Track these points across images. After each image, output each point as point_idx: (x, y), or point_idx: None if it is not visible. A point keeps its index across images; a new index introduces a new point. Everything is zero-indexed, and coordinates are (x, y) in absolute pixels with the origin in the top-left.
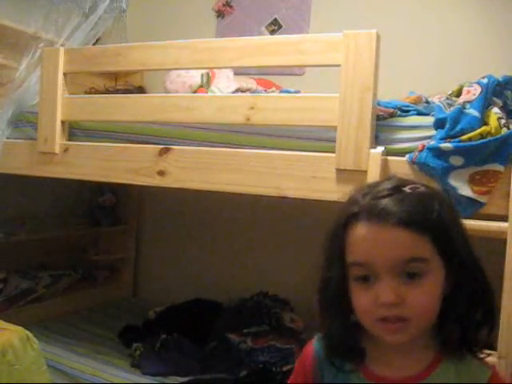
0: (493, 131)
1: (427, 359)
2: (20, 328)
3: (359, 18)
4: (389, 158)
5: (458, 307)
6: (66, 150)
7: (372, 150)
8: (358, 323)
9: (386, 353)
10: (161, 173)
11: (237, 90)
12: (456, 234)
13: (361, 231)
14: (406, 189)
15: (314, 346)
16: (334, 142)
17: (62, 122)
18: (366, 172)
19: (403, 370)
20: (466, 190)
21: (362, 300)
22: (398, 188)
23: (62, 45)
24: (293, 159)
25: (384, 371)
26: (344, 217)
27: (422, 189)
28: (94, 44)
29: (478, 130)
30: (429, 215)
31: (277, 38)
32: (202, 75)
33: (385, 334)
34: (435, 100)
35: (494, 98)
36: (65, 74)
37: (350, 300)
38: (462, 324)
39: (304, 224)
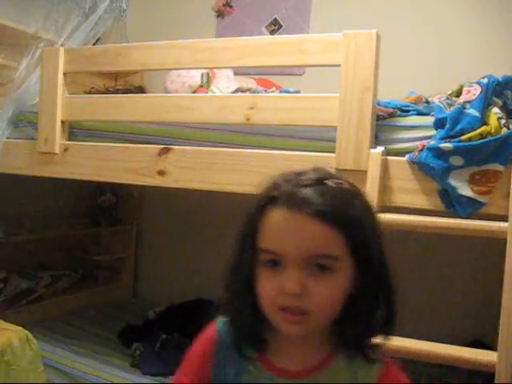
0: (493, 131)
1: (323, 354)
2: (20, 328)
3: (359, 18)
4: (389, 158)
5: (359, 308)
6: (65, 149)
7: (372, 150)
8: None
9: (286, 344)
10: (161, 173)
11: (237, 90)
12: (371, 237)
13: (276, 217)
14: (330, 182)
15: (216, 329)
16: (334, 141)
17: (62, 122)
18: (365, 172)
19: (299, 362)
20: (465, 190)
21: (267, 286)
22: (321, 180)
23: (62, 45)
24: (293, 159)
25: (282, 363)
26: (262, 200)
27: (346, 185)
28: (93, 44)
29: (478, 130)
30: (347, 212)
31: (277, 37)
32: (202, 75)
33: (283, 324)
34: (435, 100)
35: (494, 98)
36: (65, 74)
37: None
38: (359, 324)
39: None
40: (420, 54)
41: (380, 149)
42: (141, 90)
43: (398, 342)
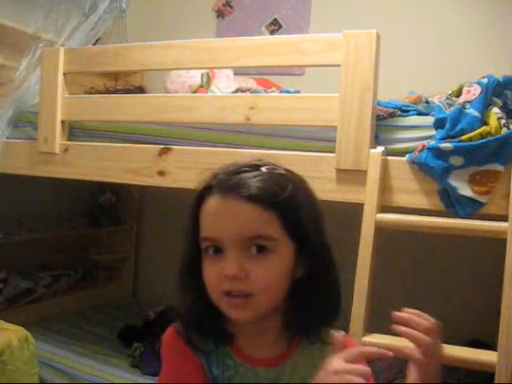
0: (493, 131)
1: (287, 341)
2: (20, 328)
3: (359, 17)
4: (389, 158)
5: (303, 292)
6: (65, 150)
7: (372, 150)
8: None
9: (250, 333)
10: (161, 173)
11: (237, 90)
12: (308, 220)
13: (212, 204)
14: (263, 168)
15: (176, 329)
16: (334, 141)
17: (62, 122)
18: (365, 172)
19: (267, 350)
20: (466, 190)
21: (210, 273)
22: (255, 166)
23: (61, 45)
24: (293, 159)
25: (251, 351)
26: (200, 190)
27: (281, 171)
28: (94, 44)
29: (478, 130)
30: (279, 194)
31: (277, 37)
32: (202, 75)
33: (229, 309)
34: (435, 100)
35: (494, 98)
36: (65, 74)
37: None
38: (304, 309)
39: None
40: (420, 54)
41: (380, 149)
42: (141, 90)
43: (398, 342)
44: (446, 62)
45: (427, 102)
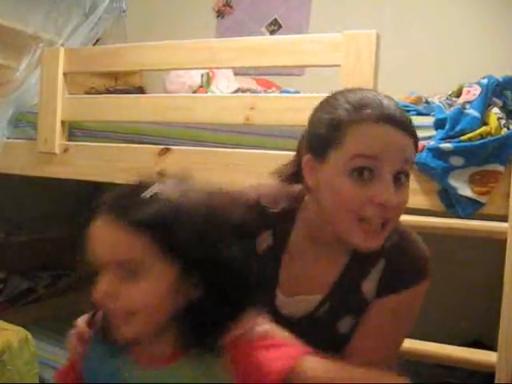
0: (493, 131)
1: (173, 348)
2: (20, 329)
3: (359, 17)
4: None
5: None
6: (66, 150)
7: None
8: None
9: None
10: (161, 173)
11: (237, 90)
12: None
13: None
14: None
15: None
16: None
17: (62, 122)
18: None
19: (153, 357)
20: (465, 190)
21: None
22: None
23: (61, 45)
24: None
25: (146, 353)
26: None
27: None
28: (94, 44)
29: (478, 131)
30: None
31: (277, 38)
32: (202, 75)
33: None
34: (435, 100)
35: (494, 99)
36: (65, 74)
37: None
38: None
39: None
40: (420, 53)
41: None
42: (141, 90)
43: None
44: (446, 62)
45: (427, 102)
